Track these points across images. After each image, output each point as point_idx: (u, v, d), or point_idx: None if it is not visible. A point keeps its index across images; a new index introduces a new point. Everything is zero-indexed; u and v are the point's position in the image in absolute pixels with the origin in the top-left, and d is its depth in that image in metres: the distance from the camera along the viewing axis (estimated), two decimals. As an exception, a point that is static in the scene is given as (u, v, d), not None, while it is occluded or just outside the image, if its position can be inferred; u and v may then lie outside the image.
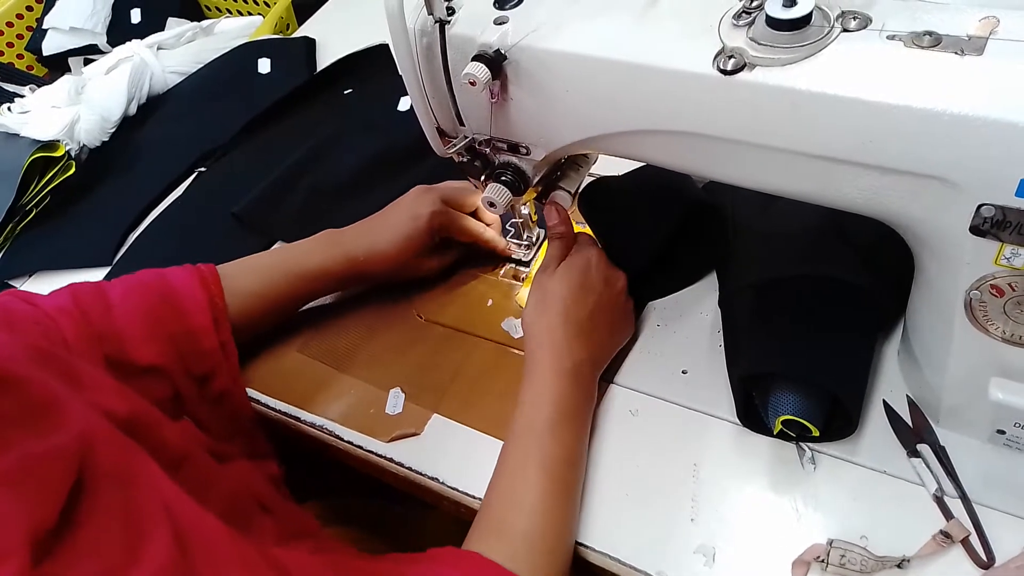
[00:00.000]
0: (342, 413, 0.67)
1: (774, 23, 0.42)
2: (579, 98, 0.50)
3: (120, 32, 1.28)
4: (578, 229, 0.75)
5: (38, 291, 0.61)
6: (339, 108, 1.00)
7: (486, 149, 0.58)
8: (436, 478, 0.62)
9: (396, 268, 0.71)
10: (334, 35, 1.12)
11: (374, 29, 0.89)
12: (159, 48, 1.13)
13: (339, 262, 0.69)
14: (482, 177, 0.59)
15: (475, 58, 0.49)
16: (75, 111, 1.01)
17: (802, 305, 0.57)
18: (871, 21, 0.42)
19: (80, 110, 1.02)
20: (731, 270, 0.64)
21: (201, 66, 1.13)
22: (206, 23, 1.20)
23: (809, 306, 0.57)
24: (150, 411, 0.50)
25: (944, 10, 0.42)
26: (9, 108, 1.01)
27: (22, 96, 1.07)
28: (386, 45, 1.01)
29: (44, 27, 1.31)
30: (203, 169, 0.99)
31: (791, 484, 0.55)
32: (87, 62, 1.22)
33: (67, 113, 1.00)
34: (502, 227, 0.76)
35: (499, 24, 0.50)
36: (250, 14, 1.32)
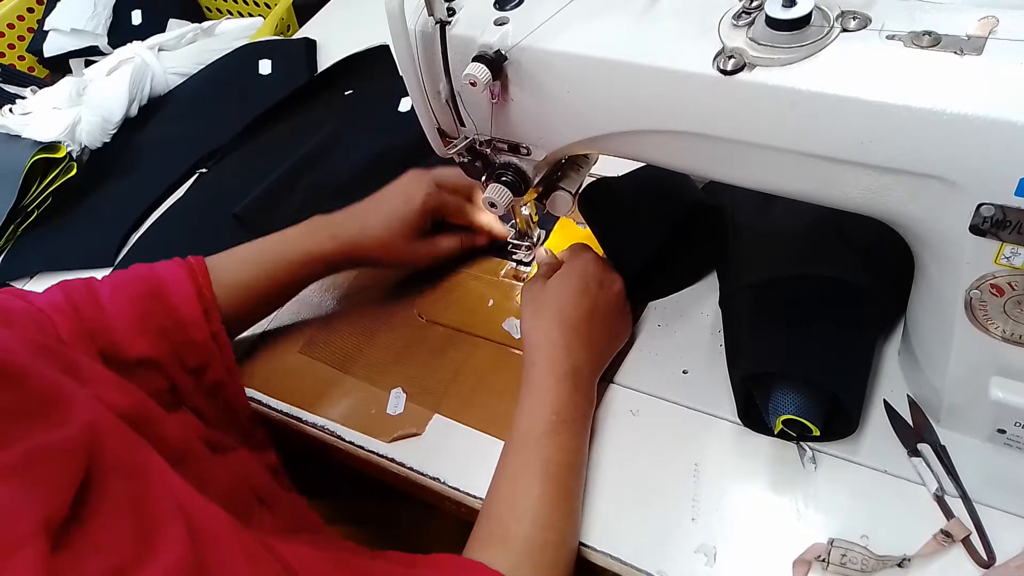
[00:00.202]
0: (343, 414, 0.68)
1: (774, 23, 0.42)
2: (579, 98, 0.50)
3: (121, 33, 1.28)
4: (579, 230, 0.75)
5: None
6: (340, 109, 1.00)
7: (487, 150, 0.58)
8: (437, 478, 0.62)
9: (387, 251, 0.69)
10: (335, 36, 1.12)
11: (375, 30, 0.89)
12: (160, 49, 1.13)
13: (328, 246, 0.69)
14: (483, 178, 0.59)
15: (476, 59, 0.49)
16: (76, 112, 1.02)
17: (802, 305, 0.57)
18: (871, 21, 0.42)
19: (81, 111, 1.02)
20: (731, 270, 0.64)
21: (202, 67, 1.13)
22: (207, 24, 1.20)
23: (809, 306, 0.57)
24: (151, 405, 0.50)
25: (943, 10, 0.42)
26: (11, 109, 1.02)
27: (23, 98, 1.07)
28: (387, 46, 1.01)
29: (45, 29, 1.31)
30: (204, 170, 0.99)
31: (792, 484, 0.55)
32: (88, 63, 1.23)
33: (68, 114, 1.01)
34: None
35: (499, 25, 0.50)
36: (251, 15, 1.33)
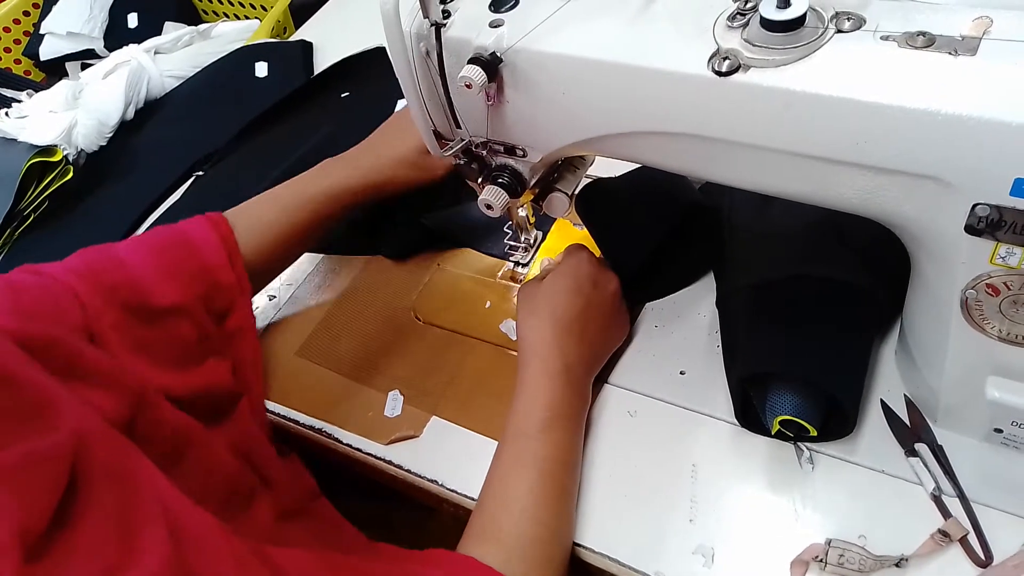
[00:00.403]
0: (340, 416, 0.67)
1: (768, 24, 0.42)
2: (575, 100, 0.50)
3: (117, 37, 1.28)
4: (576, 231, 0.75)
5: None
6: (336, 111, 1.00)
7: (483, 151, 0.58)
8: (435, 480, 0.62)
9: (408, 169, 0.70)
10: (331, 38, 1.12)
11: (371, 32, 0.89)
12: (156, 52, 1.13)
13: (348, 178, 0.69)
14: (479, 180, 0.59)
15: (471, 61, 0.49)
16: (72, 116, 1.02)
17: (799, 305, 0.57)
18: (865, 22, 0.42)
19: (77, 115, 1.02)
20: (728, 271, 0.64)
21: (198, 70, 1.13)
22: (203, 27, 1.20)
23: (806, 306, 0.57)
24: (153, 394, 0.50)
25: (937, 11, 0.42)
26: (7, 113, 1.02)
27: (19, 101, 1.07)
28: (383, 48, 1.01)
29: (41, 32, 1.31)
30: (201, 173, 0.99)
31: (789, 484, 0.55)
32: (84, 67, 1.23)
33: (64, 118, 1.01)
34: (500, 230, 0.76)
35: (495, 27, 0.50)
36: (247, 18, 1.33)
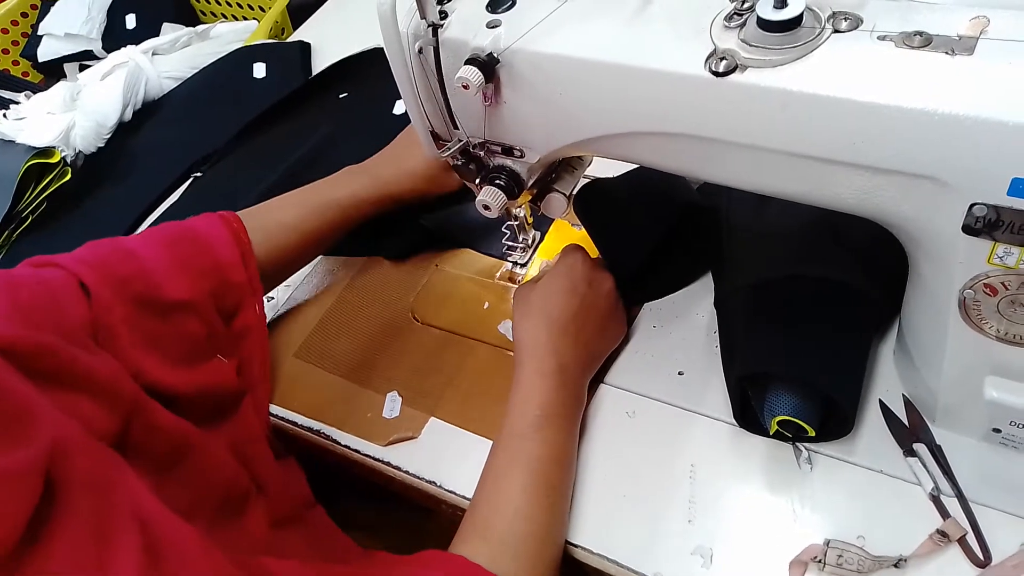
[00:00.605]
0: (339, 417, 0.67)
1: (765, 24, 0.42)
2: (572, 101, 0.50)
3: (115, 38, 1.28)
4: (574, 232, 0.75)
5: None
6: (334, 112, 1.00)
7: (480, 152, 0.58)
8: (434, 481, 0.62)
9: (426, 182, 0.72)
10: (329, 39, 1.12)
11: (369, 33, 0.88)
12: (154, 53, 1.13)
13: (369, 187, 0.71)
14: (476, 180, 0.59)
15: (468, 61, 0.49)
16: (71, 117, 1.01)
17: (797, 306, 0.57)
18: (862, 22, 0.42)
19: (76, 116, 1.02)
20: (726, 271, 0.64)
21: (196, 71, 1.13)
22: (201, 28, 1.20)
23: (804, 307, 0.57)
24: (147, 397, 0.49)
25: (934, 10, 0.42)
26: (4, 115, 1.01)
27: (17, 103, 1.07)
28: (381, 49, 1.00)
29: (39, 33, 1.31)
30: (199, 174, 0.99)
31: (788, 484, 0.55)
32: (82, 68, 1.22)
33: (63, 119, 1.00)
34: (498, 230, 0.76)
35: (492, 28, 0.50)
36: (245, 19, 1.32)
